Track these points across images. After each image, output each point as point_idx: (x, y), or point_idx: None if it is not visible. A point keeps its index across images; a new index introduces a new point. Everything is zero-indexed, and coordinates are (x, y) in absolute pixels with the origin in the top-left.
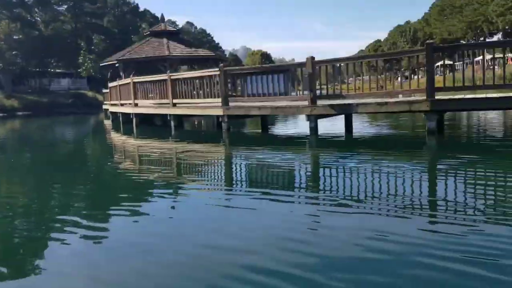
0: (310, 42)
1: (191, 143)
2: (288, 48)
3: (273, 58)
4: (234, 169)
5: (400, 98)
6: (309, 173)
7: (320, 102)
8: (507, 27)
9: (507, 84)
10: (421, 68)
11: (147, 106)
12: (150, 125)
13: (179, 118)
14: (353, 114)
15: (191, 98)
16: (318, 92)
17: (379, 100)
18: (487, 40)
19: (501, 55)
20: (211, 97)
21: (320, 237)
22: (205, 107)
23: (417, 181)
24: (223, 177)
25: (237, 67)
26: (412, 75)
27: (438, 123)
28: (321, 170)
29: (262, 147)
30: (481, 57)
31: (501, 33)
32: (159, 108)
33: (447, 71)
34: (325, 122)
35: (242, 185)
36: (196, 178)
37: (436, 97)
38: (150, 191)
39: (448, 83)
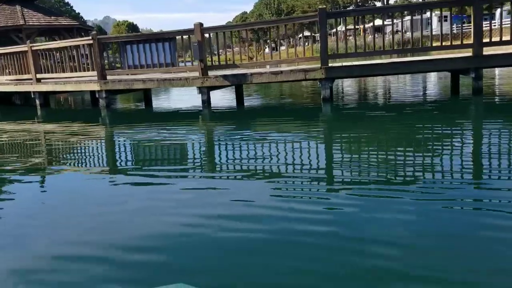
0: (178, 14)
1: (64, 124)
2: (156, 19)
3: (140, 29)
4: (118, 150)
5: (294, 67)
6: (205, 149)
7: (211, 73)
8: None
9: (396, 50)
10: (285, 39)
11: (3, 84)
12: (9, 105)
13: (45, 96)
14: (243, 85)
15: (60, 72)
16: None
17: (274, 69)
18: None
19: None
20: (85, 70)
21: (213, 212)
22: (78, 81)
23: (324, 147)
24: (105, 160)
25: (113, 35)
26: (279, 47)
27: (330, 90)
28: (218, 145)
29: (149, 124)
30: (339, 27)
31: (353, 5)
32: (20, 85)
33: (309, 41)
34: (212, 94)
35: (128, 166)
36: (72, 162)
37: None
38: (17, 179)
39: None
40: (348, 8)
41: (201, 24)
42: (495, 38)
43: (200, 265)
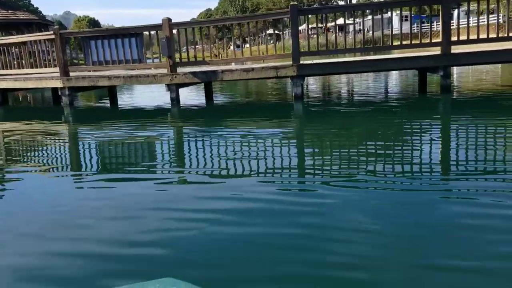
0: (141, 10)
1: (26, 122)
2: (118, 15)
3: (102, 25)
4: (83, 151)
5: (264, 64)
6: (176, 148)
7: (180, 70)
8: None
9: (368, 48)
10: (250, 37)
11: None
12: None
13: (3, 93)
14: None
15: (19, 68)
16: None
17: (245, 66)
18: None
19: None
20: (45, 67)
21: (181, 214)
22: (40, 78)
23: (295, 146)
24: (70, 161)
25: (76, 30)
26: (246, 44)
27: (301, 87)
28: (188, 144)
29: (115, 123)
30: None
31: (316, 3)
32: None
33: (274, 39)
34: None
35: (93, 167)
36: (35, 163)
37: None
38: None
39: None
40: (313, 6)
41: (169, 20)
42: (463, 37)
43: (182, 259)
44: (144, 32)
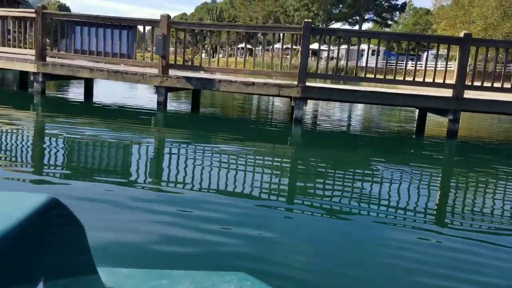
0: (112, 3)
1: None
2: (87, 6)
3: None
4: (50, 149)
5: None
6: (154, 160)
7: (173, 73)
8: (300, 22)
9: (378, 79)
10: (223, 48)
11: None
12: None
13: None
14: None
15: None
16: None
17: (245, 79)
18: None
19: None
20: (20, 47)
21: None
22: (12, 59)
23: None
24: (34, 159)
25: (63, 12)
26: (214, 54)
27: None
28: (168, 155)
29: (91, 120)
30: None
31: (295, 24)
32: None
33: (248, 54)
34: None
35: (56, 170)
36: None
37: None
38: None
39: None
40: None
41: (169, 16)
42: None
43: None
44: (138, 27)
